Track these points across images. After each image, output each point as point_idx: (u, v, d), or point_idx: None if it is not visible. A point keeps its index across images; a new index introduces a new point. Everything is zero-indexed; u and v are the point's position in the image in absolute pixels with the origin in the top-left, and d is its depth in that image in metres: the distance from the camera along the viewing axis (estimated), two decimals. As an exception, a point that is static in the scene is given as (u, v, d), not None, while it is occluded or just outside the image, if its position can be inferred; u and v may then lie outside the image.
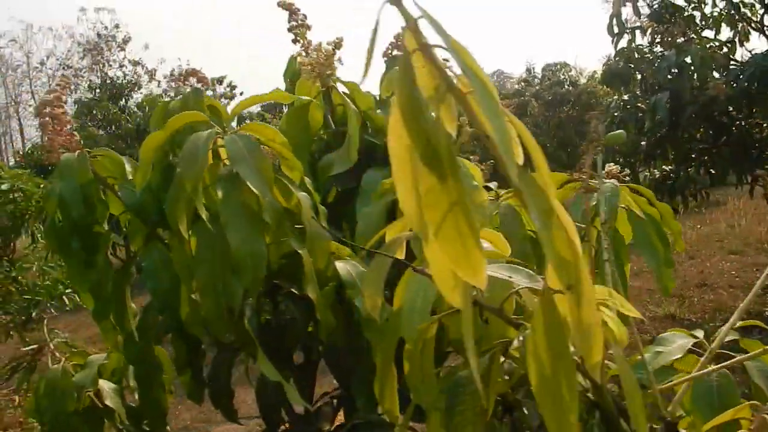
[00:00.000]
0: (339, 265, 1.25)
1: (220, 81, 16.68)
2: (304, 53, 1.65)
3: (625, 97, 4.75)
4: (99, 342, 6.52)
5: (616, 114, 4.61)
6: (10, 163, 14.99)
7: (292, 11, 1.67)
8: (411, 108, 0.43)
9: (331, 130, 1.61)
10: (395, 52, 1.70)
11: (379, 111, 1.58)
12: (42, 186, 4.78)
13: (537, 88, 11.55)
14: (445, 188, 0.44)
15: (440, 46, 0.44)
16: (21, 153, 15.19)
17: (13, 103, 25.33)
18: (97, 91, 12.72)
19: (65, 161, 1.25)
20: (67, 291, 4.91)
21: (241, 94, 17.85)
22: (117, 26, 26.65)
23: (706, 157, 4.71)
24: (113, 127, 11.92)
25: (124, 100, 12.70)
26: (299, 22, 1.68)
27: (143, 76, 14.02)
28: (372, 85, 1.82)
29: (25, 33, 25.00)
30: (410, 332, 0.77)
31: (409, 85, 0.44)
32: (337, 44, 1.62)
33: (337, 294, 1.26)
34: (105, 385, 1.48)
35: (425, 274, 0.72)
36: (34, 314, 4.73)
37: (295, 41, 1.69)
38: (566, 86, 11.19)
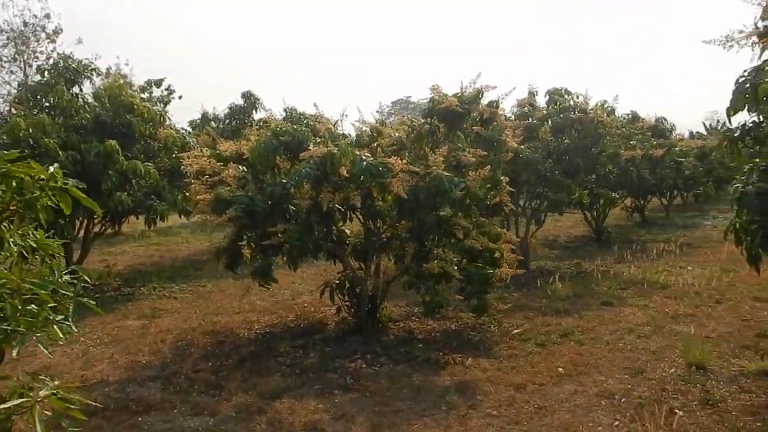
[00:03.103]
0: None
1: (158, 83, 15.26)
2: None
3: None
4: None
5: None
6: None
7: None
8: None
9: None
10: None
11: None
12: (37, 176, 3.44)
13: (545, 111, 10.87)
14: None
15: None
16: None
17: None
18: (47, 73, 11.02)
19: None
20: (59, 318, 3.56)
21: (180, 98, 16.47)
22: (47, 16, 24.56)
23: None
24: (66, 116, 10.32)
25: (77, 87, 11.08)
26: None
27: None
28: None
29: (-61, 16, 22.55)
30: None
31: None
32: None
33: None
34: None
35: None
36: (15, 353, 3.35)
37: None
38: (576, 113, 10.57)
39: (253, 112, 17.05)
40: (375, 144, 7.43)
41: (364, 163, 6.27)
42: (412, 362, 6.21)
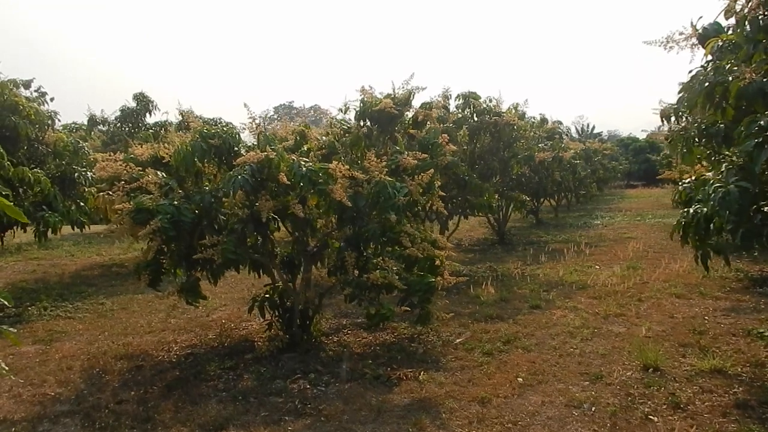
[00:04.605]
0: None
1: (26, 85, 13.91)
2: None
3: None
4: None
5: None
6: None
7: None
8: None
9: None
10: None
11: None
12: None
13: (460, 115, 10.85)
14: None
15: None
16: None
17: None
18: None
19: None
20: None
21: (52, 100, 15.10)
22: None
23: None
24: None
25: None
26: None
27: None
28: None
29: None
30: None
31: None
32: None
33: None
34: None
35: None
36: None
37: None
38: (492, 116, 10.61)
39: (147, 115, 15.89)
40: (306, 148, 7.00)
41: (304, 169, 5.82)
42: (361, 380, 5.83)
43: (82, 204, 10.60)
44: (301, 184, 5.82)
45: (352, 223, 6.28)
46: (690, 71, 5.21)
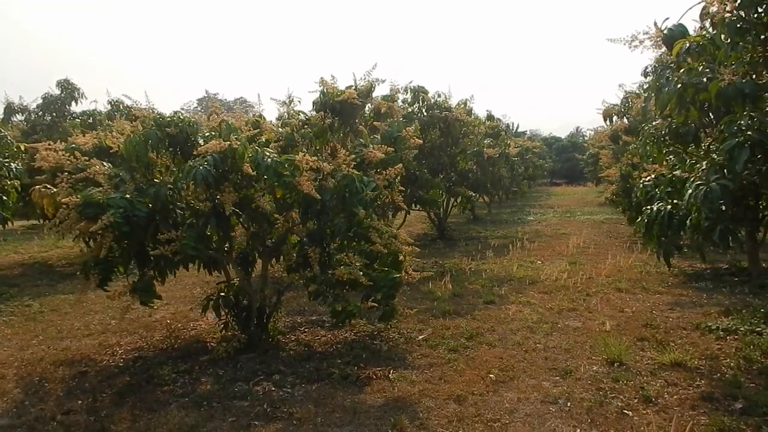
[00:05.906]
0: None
1: None
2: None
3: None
4: None
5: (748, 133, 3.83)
6: None
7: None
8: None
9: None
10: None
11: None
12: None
13: (410, 109, 10.71)
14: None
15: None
16: None
17: None
18: None
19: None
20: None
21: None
22: None
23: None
24: None
25: None
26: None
27: None
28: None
29: None
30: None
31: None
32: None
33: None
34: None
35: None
36: None
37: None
38: (442, 111, 10.53)
39: (73, 103, 14.88)
40: (264, 139, 6.69)
41: (269, 160, 5.54)
42: (328, 380, 5.60)
43: (4, 198, 9.85)
44: (265, 176, 5.53)
45: (317, 217, 6.03)
46: (654, 69, 5.28)
